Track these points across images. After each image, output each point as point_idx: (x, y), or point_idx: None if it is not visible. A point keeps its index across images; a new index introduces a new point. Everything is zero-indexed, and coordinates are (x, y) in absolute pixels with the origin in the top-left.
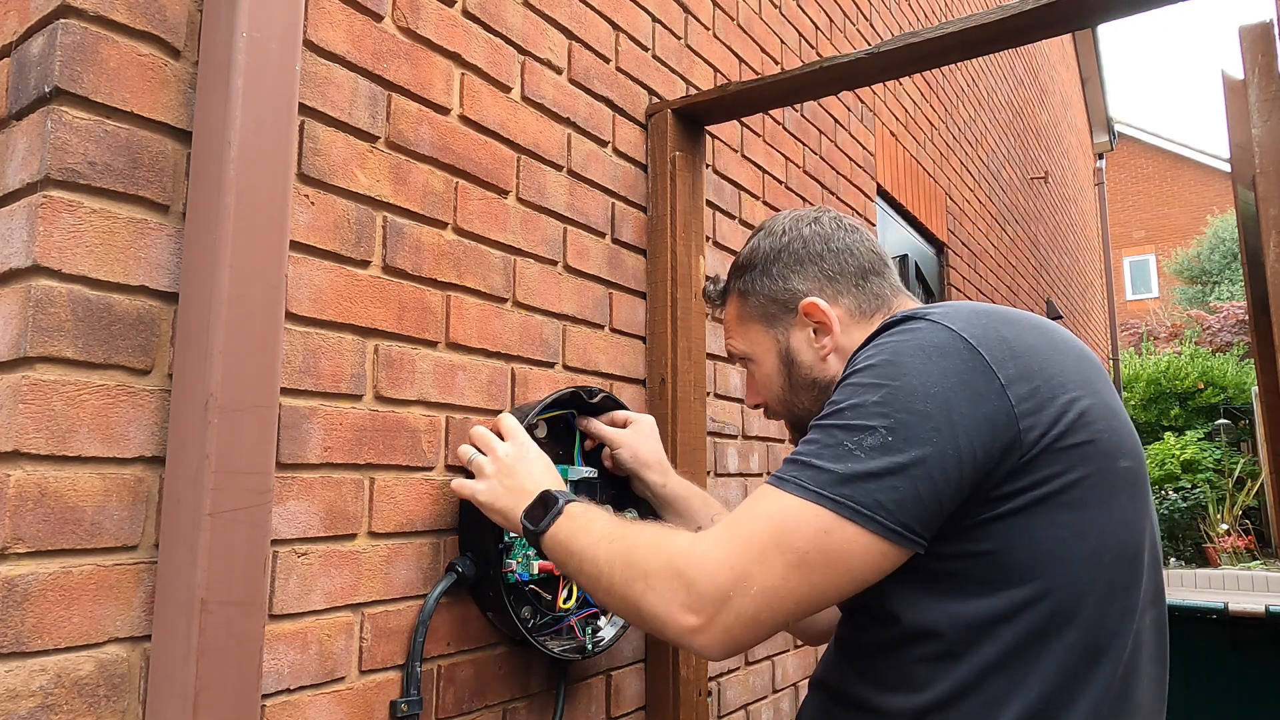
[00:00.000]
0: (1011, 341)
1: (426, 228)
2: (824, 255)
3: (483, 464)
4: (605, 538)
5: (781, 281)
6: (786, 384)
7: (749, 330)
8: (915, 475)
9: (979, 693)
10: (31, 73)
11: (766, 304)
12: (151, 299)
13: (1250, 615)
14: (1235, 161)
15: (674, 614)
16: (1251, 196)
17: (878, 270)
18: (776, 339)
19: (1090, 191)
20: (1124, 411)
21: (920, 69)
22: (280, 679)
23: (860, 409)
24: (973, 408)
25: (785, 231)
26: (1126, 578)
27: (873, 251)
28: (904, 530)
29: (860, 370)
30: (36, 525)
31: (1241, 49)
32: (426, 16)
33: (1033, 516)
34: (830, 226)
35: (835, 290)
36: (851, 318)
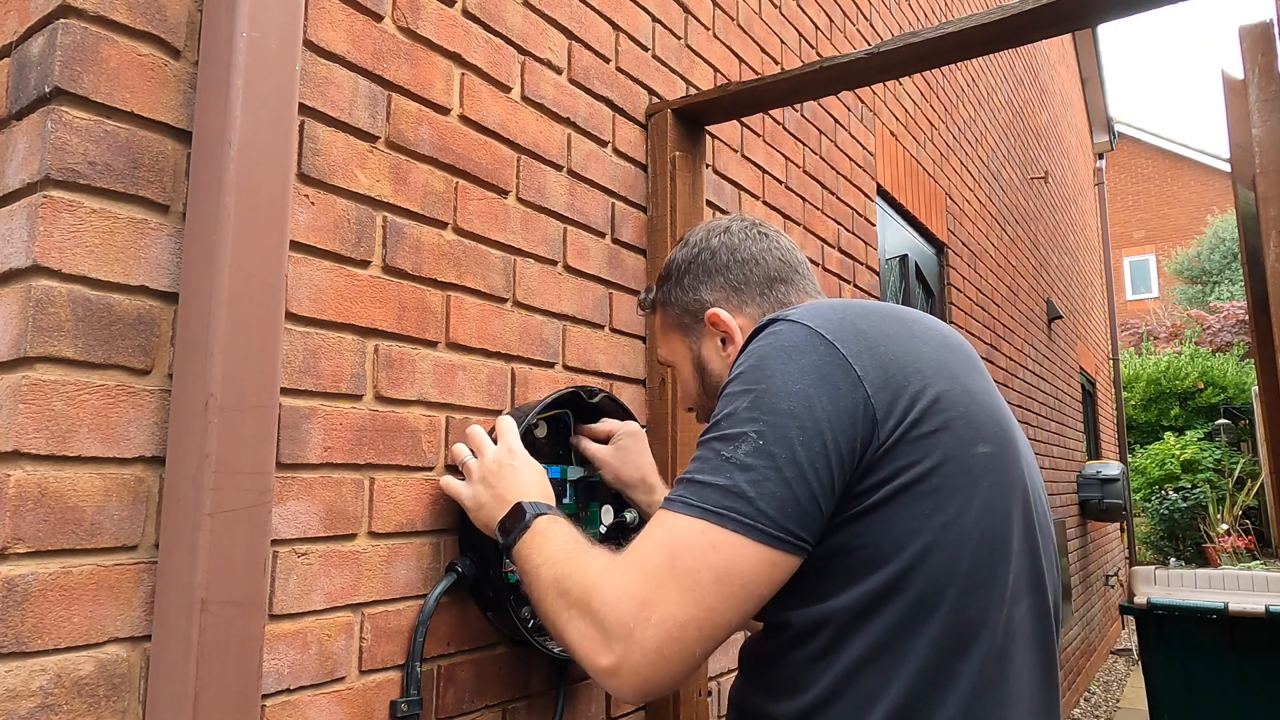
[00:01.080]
0: (867, 333)
1: (426, 228)
2: (730, 266)
3: (471, 466)
4: (551, 560)
5: (691, 292)
6: (701, 390)
7: (670, 339)
8: (790, 478)
9: (851, 690)
10: (31, 73)
11: (681, 314)
12: (151, 299)
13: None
14: (1235, 161)
15: (589, 652)
16: (1251, 196)
17: (784, 278)
18: (690, 347)
19: (1090, 191)
20: (991, 396)
21: (920, 69)
22: (280, 679)
23: (732, 417)
24: (833, 403)
25: (697, 243)
26: (991, 566)
27: (781, 260)
28: (788, 536)
29: (731, 380)
30: (36, 525)
31: (1241, 49)
32: (426, 16)
33: (892, 507)
34: (740, 236)
35: (740, 300)
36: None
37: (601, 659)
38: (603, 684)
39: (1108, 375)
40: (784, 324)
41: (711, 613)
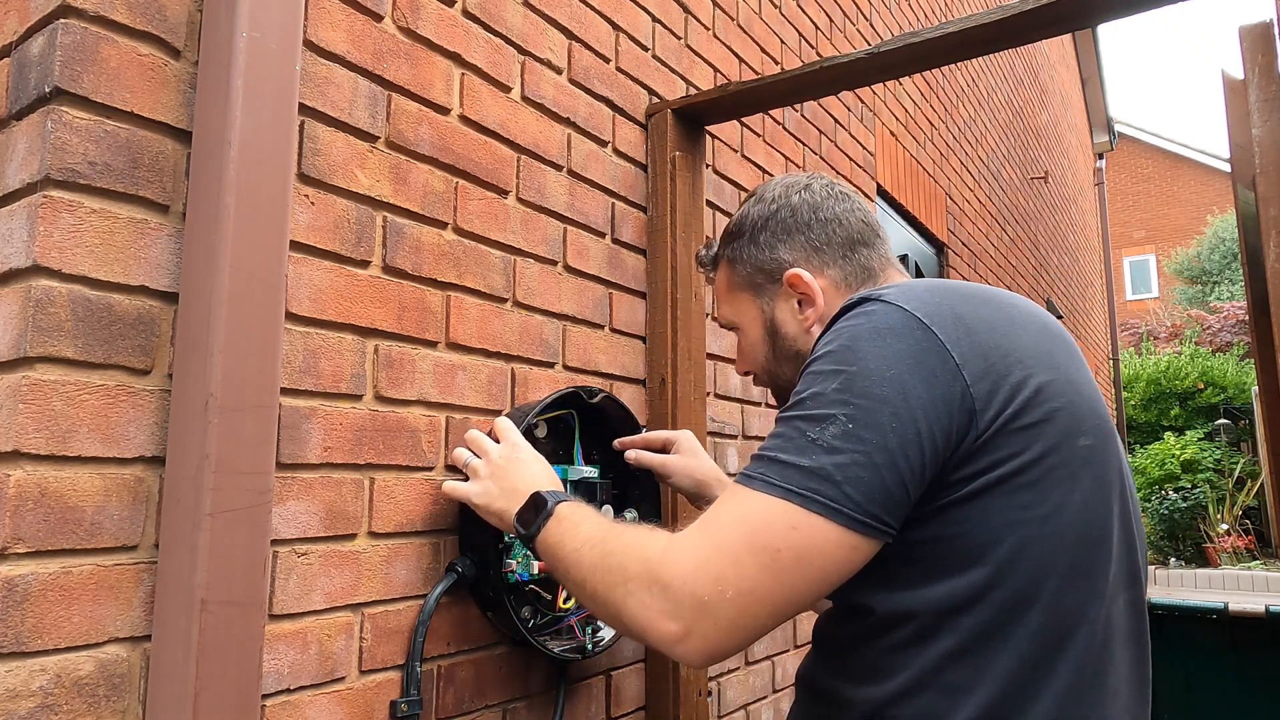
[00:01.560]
0: (966, 318)
1: (426, 228)
2: (811, 225)
3: (477, 466)
4: (590, 541)
5: (768, 250)
6: (771, 354)
7: (736, 298)
8: (879, 463)
9: (940, 682)
10: (31, 73)
11: (753, 273)
12: (151, 299)
13: (1250, 615)
14: (1235, 161)
15: (654, 621)
16: (1251, 196)
17: (867, 241)
18: (762, 309)
19: (1090, 191)
20: (1091, 386)
21: (920, 69)
22: (280, 679)
23: (820, 397)
24: (929, 391)
25: (775, 199)
26: (1091, 561)
27: (864, 222)
28: (872, 520)
29: (819, 358)
30: (36, 525)
31: (1241, 49)
32: (426, 16)
33: (990, 499)
34: (821, 194)
35: (821, 261)
36: (837, 290)
37: (669, 625)
38: (665, 650)
39: (1108, 375)
40: (878, 304)
41: (786, 590)
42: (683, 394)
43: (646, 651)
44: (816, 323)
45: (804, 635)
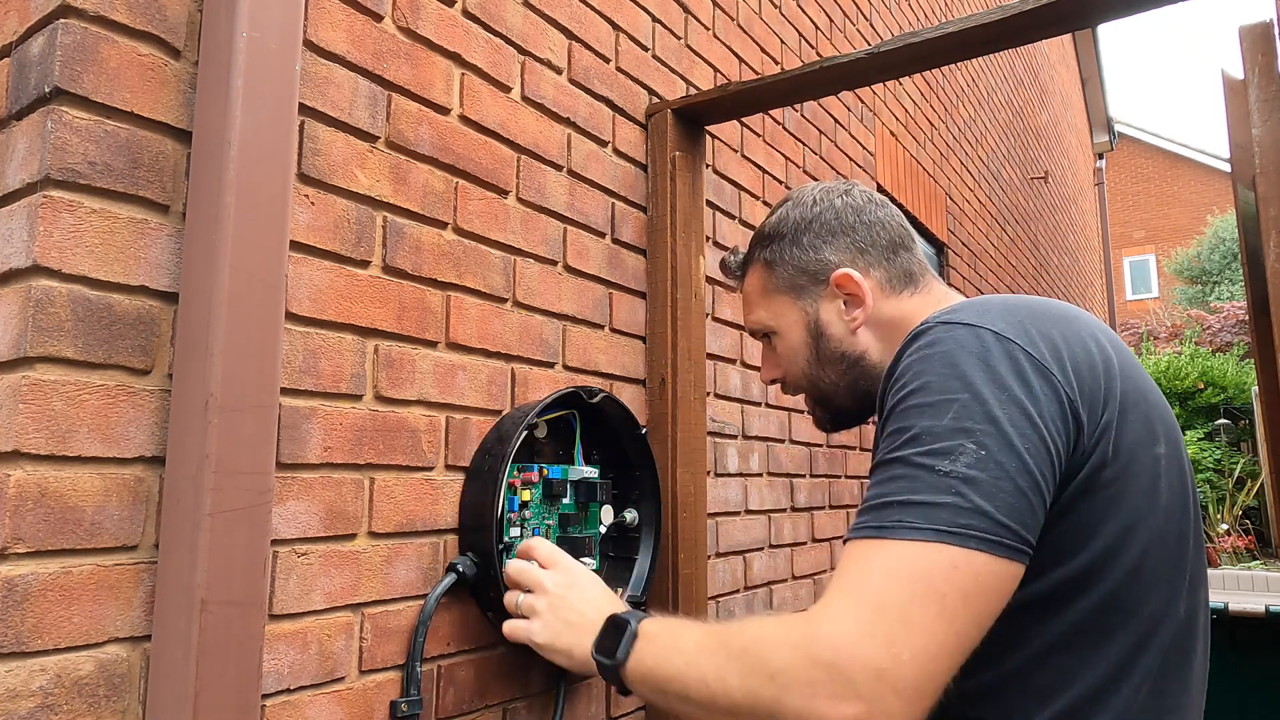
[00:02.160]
0: (1050, 337)
1: (426, 228)
2: (856, 227)
3: (533, 603)
4: (704, 649)
5: (813, 252)
6: (813, 357)
7: (773, 301)
8: (1024, 486)
9: (1030, 678)
10: (31, 73)
11: (795, 275)
12: (151, 299)
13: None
14: (1235, 161)
15: (823, 708)
16: (1251, 196)
17: (907, 245)
18: (805, 310)
19: (1090, 191)
20: (1158, 394)
21: (920, 69)
22: (280, 679)
23: (934, 431)
24: (1045, 406)
25: (816, 202)
26: (1172, 563)
27: (902, 226)
28: (1025, 546)
29: (913, 390)
30: (36, 525)
31: (1241, 49)
32: (426, 16)
33: (1081, 507)
34: (861, 199)
35: (867, 262)
36: (883, 291)
37: (845, 708)
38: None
39: None
40: (961, 328)
41: (959, 636)
42: (683, 394)
43: None
44: (864, 324)
45: None
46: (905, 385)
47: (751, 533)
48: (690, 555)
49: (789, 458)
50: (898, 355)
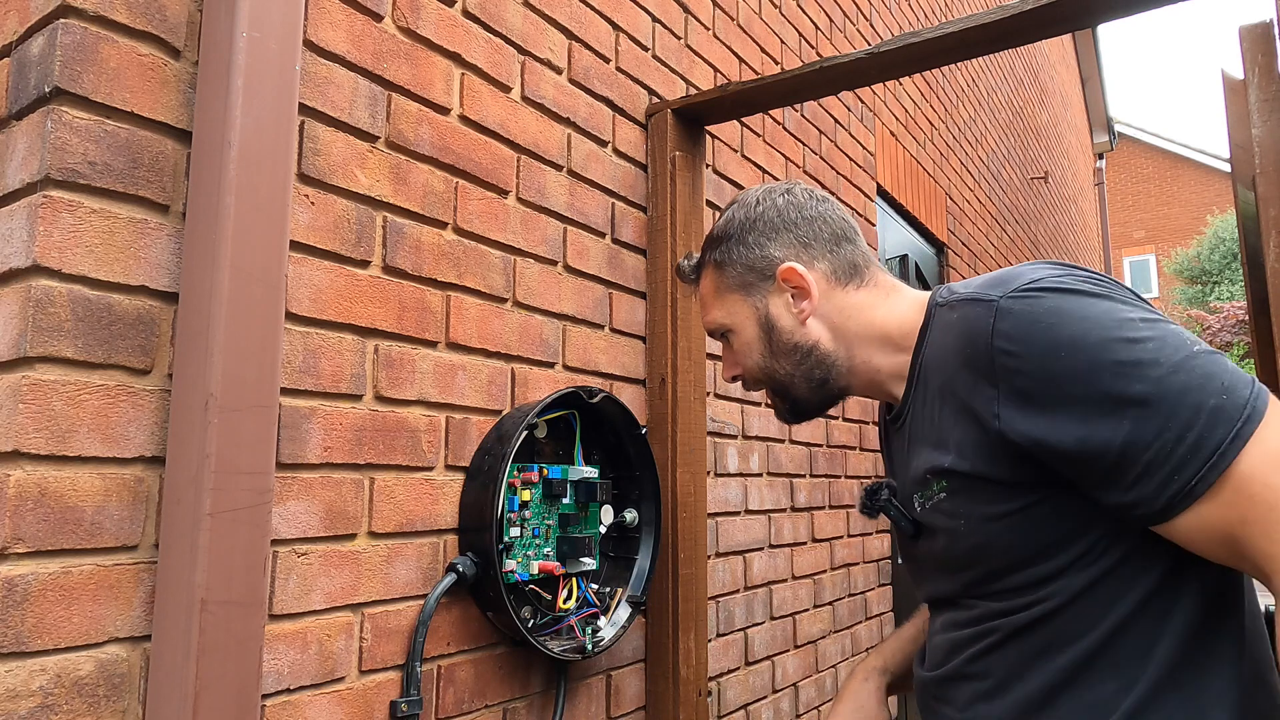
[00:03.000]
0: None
1: (426, 228)
2: (798, 223)
3: None
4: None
5: (758, 249)
6: (767, 350)
7: (726, 301)
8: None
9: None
10: (31, 73)
11: (744, 272)
12: (151, 299)
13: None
14: (1235, 161)
15: None
16: (1251, 196)
17: (849, 238)
18: (755, 306)
19: (1090, 191)
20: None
21: (920, 69)
22: (280, 679)
23: (1164, 346)
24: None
25: (759, 201)
26: None
27: (843, 220)
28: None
29: (1096, 348)
30: (36, 525)
31: (1241, 49)
32: (426, 16)
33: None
34: (802, 196)
35: (811, 256)
36: (828, 282)
37: None
38: None
39: None
40: (1052, 293)
41: None
42: (683, 394)
43: (646, 651)
44: (811, 314)
45: (804, 635)
46: (1057, 346)
47: (751, 533)
48: (690, 555)
49: (789, 458)
50: (979, 343)
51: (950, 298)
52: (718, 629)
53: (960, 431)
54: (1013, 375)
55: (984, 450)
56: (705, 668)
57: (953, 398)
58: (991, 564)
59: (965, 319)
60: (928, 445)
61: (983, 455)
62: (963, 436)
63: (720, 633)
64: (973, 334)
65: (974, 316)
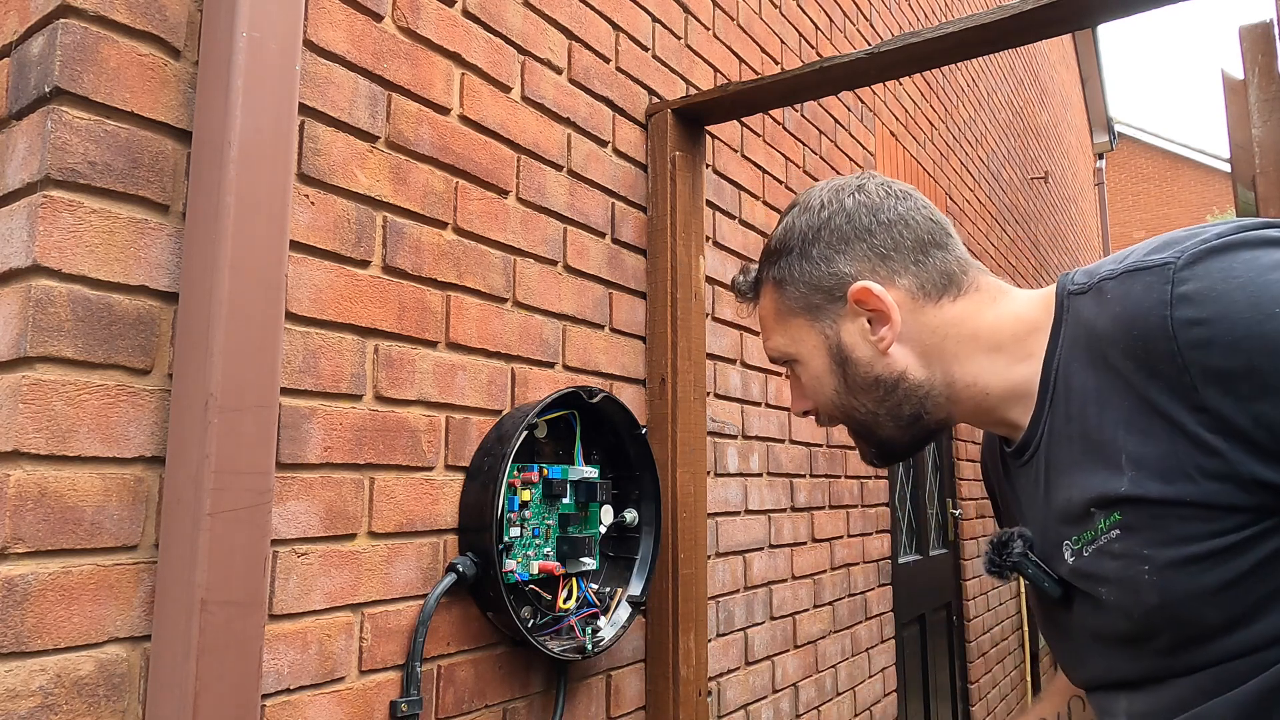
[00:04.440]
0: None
1: (426, 228)
2: (873, 229)
3: None
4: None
5: (825, 265)
6: (842, 385)
7: (789, 325)
8: None
9: None
10: (31, 72)
11: (809, 293)
12: (151, 299)
13: None
14: (1235, 161)
15: None
16: (1251, 196)
17: (939, 242)
18: (824, 333)
19: (1090, 191)
20: None
21: (920, 69)
22: (280, 679)
23: None
24: None
25: (825, 205)
26: None
27: (931, 220)
28: None
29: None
30: (36, 525)
31: (1241, 49)
32: (426, 16)
33: None
34: (878, 195)
35: (891, 270)
36: (914, 300)
37: None
38: None
39: None
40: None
41: None
42: (683, 394)
43: (646, 651)
44: (895, 342)
45: (804, 635)
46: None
47: (751, 532)
48: (690, 555)
49: (789, 458)
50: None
51: (1091, 280)
52: (718, 629)
53: (1138, 443)
54: (1209, 352)
55: (1179, 464)
56: (705, 668)
57: (1122, 400)
58: (1196, 625)
59: (1127, 296)
60: (1084, 470)
61: (1178, 471)
62: (1141, 448)
63: (720, 633)
64: (1142, 312)
65: (1142, 290)
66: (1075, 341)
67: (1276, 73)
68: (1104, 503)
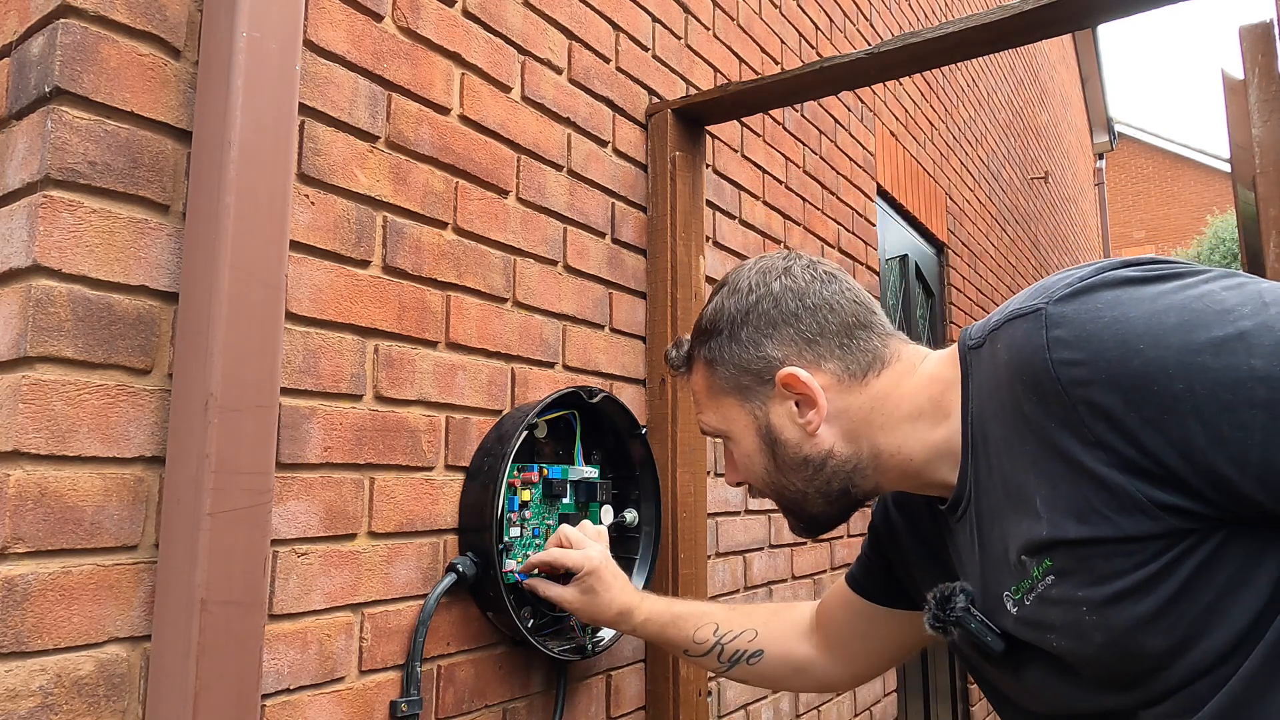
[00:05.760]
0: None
1: (426, 228)
2: (799, 314)
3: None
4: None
5: (753, 348)
6: (771, 464)
7: (721, 404)
8: None
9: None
10: (31, 72)
11: (738, 374)
12: (151, 299)
13: None
14: (1235, 161)
15: None
16: (1251, 196)
17: (864, 323)
18: (754, 414)
19: (1090, 192)
20: None
21: (920, 69)
22: (280, 679)
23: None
24: None
25: (753, 289)
26: None
27: (855, 302)
28: None
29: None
30: (36, 525)
31: (1241, 49)
32: (426, 16)
33: None
34: (804, 278)
35: (816, 354)
36: (840, 383)
37: None
38: None
39: None
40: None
41: None
42: (683, 394)
43: (646, 651)
44: (822, 424)
45: None
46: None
47: (751, 533)
48: (690, 555)
49: None
50: (1037, 367)
51: (983, 332)
52: None
53: (1048, 486)
54: (1090, 390)
55: (1088, 504)
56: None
57: (1025, 444)
58: (1145, 657)
59: (1011, 343)
60: (1008, 518)
61: (1089, 510)
62: (1052, 491)
63: None
64: (1025, 356)
65: (1021, 336)
66: (981, 392)
67: (1276, 73)
68: (1031, 549)
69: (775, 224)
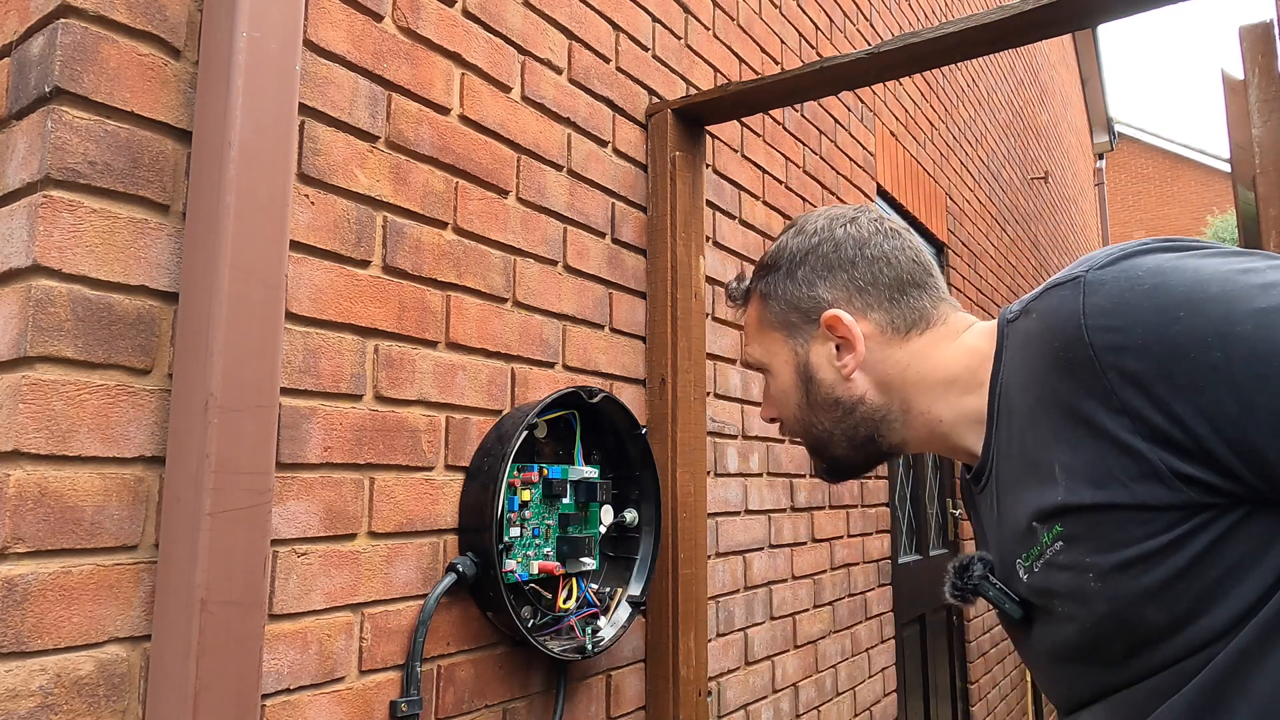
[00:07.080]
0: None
1: (426, 228)
2: (856, 261)
3: None
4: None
5: (806, 287)
6: (804, 401)
7: (766, 337)
8: None
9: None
10: (31, 72)
11: (788, 310)
12: (151, 299)
13: None
14: (1235, 161)
15: None
16: (1251, 196)
17: (919, 282)
18: (795, 351)
19: (1090, 192)
20: None
21: (920, 69)
22: (280, 679)
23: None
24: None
25: (817, 231)
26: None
27: (914, 261)
28: None
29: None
30: (36, 525)
31: (1241, 49)
32: (426, 16)
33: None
34: (869, 230)
35: (865, 303)
36: (882, 334)
37: None
38: None
39: None
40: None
41: None
42: (683, 394)
43: (646, 651)
44: (857, 369)
45: (804, 635)
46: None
47: (751, 533)
48: (690, 555)
49: (789, 457)
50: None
51: (1024, 305)
52: (718, 629)
53: (1068, 452)
54: (1123, 356)
55: (1108, 470)
56: (705, 668)
57: (1050, 413)
58: (1144, 629)
59: (1047, 311)
60: (1025, 486)
61: (1108, 476)
62: (1072, 458)
63: (720, 633)
64: (1060, 322)
65: (1057, 303)
66: (1013, 364)
67: (1276, 73)
68: (1043, 515)
69: (775, 224)
